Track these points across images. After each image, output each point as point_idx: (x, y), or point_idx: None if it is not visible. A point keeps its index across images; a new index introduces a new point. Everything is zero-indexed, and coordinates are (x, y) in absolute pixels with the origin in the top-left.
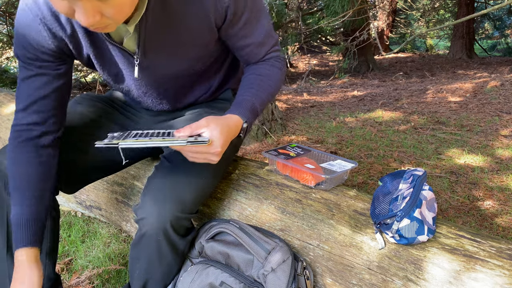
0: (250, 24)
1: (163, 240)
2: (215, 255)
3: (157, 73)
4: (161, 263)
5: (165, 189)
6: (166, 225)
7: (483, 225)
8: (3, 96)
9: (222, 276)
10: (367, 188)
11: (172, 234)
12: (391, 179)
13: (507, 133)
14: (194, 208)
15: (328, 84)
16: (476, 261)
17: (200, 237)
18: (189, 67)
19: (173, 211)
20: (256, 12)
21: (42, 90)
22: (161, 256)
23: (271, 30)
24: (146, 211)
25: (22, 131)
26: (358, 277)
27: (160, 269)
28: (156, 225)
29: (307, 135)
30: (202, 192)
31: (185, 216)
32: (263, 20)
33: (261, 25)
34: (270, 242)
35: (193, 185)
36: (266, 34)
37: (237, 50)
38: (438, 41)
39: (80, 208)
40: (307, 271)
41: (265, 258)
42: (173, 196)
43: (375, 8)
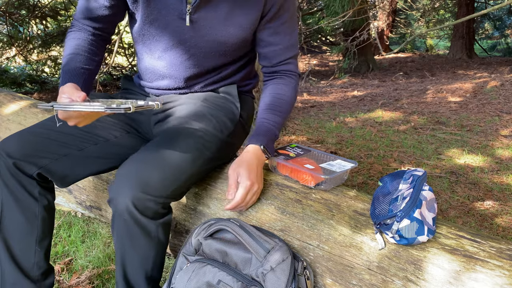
0: (287, 26)
1: (130, 220)
2: (213, 253)
3: (197, 33)
4: (133, 246)
5: (132, 170)
6: (129, 204)
7: (483, 225)
8: (3, 96)
9: (220, 274)
10: (367, 188)
11: (137, 214)
12: (391, 179)
13: (507, 133)
14: (163, 192)
15: (328, 84)
16: (476, 262)
17: (198, 234)
18: (225, 43)
19: (134, 191)
20: (294, 20)
21: (96, 12)
22: (131, 238)
23: (297, 43)
24: (113, 191)
25: (77, 24)
26: (358, 277)
27: (134, 253)
28: (121, 205)
29: (307, 135)
30: (173, 177)
31: (150, 198)
32: (296, 30)
33: (294, 33)
34: (269, 241)
35: (162, 168)
36: (293, 43)
37: (265, 45)
38: (438, 41)
39: (80, 208)
40: (307, 271)
41: (264, 257)
42: (137, 176)
43: (375, 8)
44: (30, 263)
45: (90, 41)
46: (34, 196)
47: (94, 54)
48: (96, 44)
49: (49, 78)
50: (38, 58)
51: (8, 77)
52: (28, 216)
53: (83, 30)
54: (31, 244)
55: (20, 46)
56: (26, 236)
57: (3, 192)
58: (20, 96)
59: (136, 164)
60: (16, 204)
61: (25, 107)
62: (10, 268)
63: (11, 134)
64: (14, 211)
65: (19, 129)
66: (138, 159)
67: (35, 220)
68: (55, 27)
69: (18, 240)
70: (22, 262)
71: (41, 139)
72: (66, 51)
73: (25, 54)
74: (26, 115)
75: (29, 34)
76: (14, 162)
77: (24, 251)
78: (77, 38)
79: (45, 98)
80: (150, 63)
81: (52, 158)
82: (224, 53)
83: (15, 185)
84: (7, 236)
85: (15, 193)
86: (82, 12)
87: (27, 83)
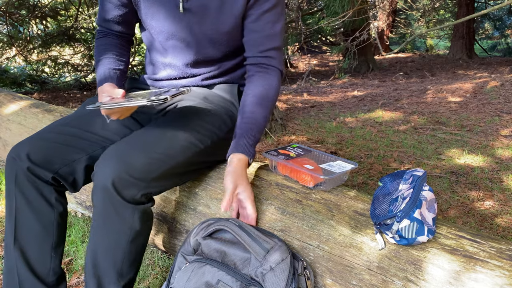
0: (268, 15)
1: (106, 197)
2: (212, 252)
3: (191, 20)
4: (105, 227)
5: (119, 149)
6: (108, 181)
7: (483, 225)
8: (3, 96)
9: (219, 274)
10: (367, 188)
11: (114, 193)
12: (391, 179)
13: (507, 133)
14: (146, 175)
15: (328, 84)
16: (476, 262)
17: (196, 234)
18: (218, 30)
19: (116, 169)
20: (277, 12)
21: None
22: (105, 217)
23: (279, 35)
24: (97, 166)
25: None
26: (358, 277)
27: (105, 234)
28: (101, 181)
29: (307, 135)
30: (158, 162)
31: (132, 181)
32: (280, 22)
33: (276, 24)
34: (269, 241)
35: (148, 151)
36: (275, 33)
37: (247, 33)
38: (438, 41)
39: (80, 208)
40: (307, 271)
41: (264, 257)
42: (122, 155)
43: (375, 8)
44: (46, 269)
45: (115, 44)
46: (50, 203)
47: (121, 55)
48: (121, 46)
49: (49, 78)
50: (38, 58)
51: (8, 77)
52: (44, 224)
53: (107, 35)
54: (47, 251)
55: (20, 46)
56: (42, 243)
57: (18, 199)
58: (20, 96)
59: (123, 144)
60: (32, 212)
61: (25, 107)
62: (26, 275)
63: (22, 140)
64: (30, 219)
65: (19, 129)
66: (126, 141)
67: (51, 227)
68: (55, 27)
69: (34, 248)
70: (38, 269)
71: (51, 143)
72: (97, 56)
73: (25, 54)
74: (26, 115)
75: (29, 34)
76: (29, 167)
77: (40, 258)
78: (104, 44)
79: (45, 98)
80: (154, 57)
81: (62, 163)
82: (219, 41)
83: (32, 192)
84: (23, 244)
85: (30, 200)
86: (101, 15)
87: (27, 83)
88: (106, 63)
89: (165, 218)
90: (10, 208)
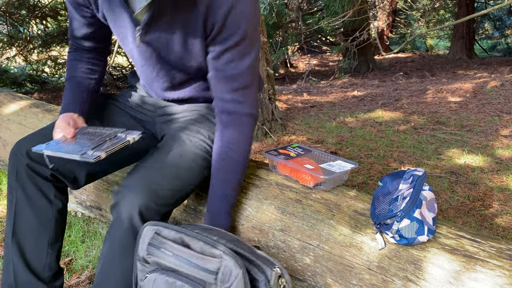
0: (233, 52)
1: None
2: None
3: (154, 53)
4: (121, 258)
5: (141, 177)
6: (134, 213)
7: (483, 225)
8: (3, 96)
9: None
10: (367, 188)
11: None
12: (391, 179)
13: (507, 133)
14: (169, 200)
15: (328, 84)
16: (476, 262)
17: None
18: (182, 59)
19: (143, 199)
20: (244, 46)
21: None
22: (123, 249)
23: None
24: (119, 197)
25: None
26: (358, 277)
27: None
28: (125, 213)
29: (307, 135)
30: (181, 187)
31: (156, 208)
32: (248, 57)
33: (243, 61)
34: (213, 260)
35: (171, 177)
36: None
37: (210, 69)
38: (438, 41)
39: (80, 208)
40: (283, 279)
41: (215, 279)
42: (147, 184)
43: (375, 8)
44: (42, 265)
45: (86, 60)
46: (49, 199)
47: (92, 72)
48: (93, 61)
49: (49, 78)
50: (38, 58)
51: (8, 77)
52: (42, 219)
53: (78, 49)
54: (43, 247)
55: (20, 46)
56: (38, 239)
57: (18, 194)
58: (20, 96)
59: (144, 172)
60: (30, 207)
61: (25, 107)
62: (22, 269)
63: (25, 136)
64: (28, 214)
65: (19, 129)
66: (146, 168)
67: (49, 223)
68: (55, 27)
69: (30, 242)
70: (34, 264)
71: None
72: (66, 74)
73: (25, 54)
74: (26, 115)
75: (29, 34)
76: (28, 163)
77: (37, 253)
78: (74, 60)
79: (45, 98)
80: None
81: (62, 161)
82: (189, 70)
83: (31, 188)
84: (20, 238)
85: (30, 195)
86: (71, 32)
87: (27, 83)
88: (72, 85)
89: None
90: (11, 203)
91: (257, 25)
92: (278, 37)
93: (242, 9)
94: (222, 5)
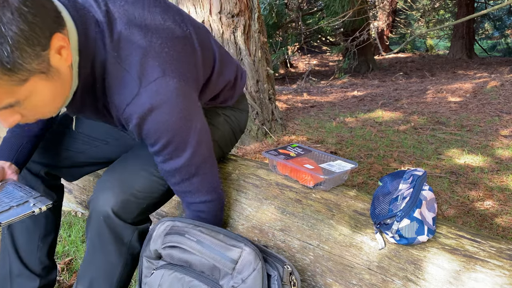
0: (162, 156)
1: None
2: (176, 261)
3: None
4: (103, 252)
5: (115, 173)
6: (108, 206)
7: (483, 225)
8: None
9: (188, 280)
10: (367, 188)
11: (114, 219)
12: (391, 179)
13: (507, 133)
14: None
15: (328, 84)
16: (476, 261)
17: (156, 242)
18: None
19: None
20: (173, 151)
21: None
22: (102, 241)
23: (190, 164)
24: (95, 191)
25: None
26: (358, 277)
27: (102, 260)
28: (100, 206)
29: (307, 135)
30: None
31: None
32: (181, 158)
33: (177, 161)
34: (234, 250)
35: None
36: (179, 168)
37: None
38: (438, 41)
39: (80, 208)
40: (293, 276)
41: (233, 269)
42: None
43: (375, 8)
44: (33, 258)
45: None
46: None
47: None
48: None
49: None
50: None
51: None
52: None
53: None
54: (34, 240)
55: None
56: (29, 232)
57: None
58: None
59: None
60: None
61: None
62: (15, 261)
63: None
64: None
65: None
66: (121, 161)
67: (39, 218)
68: None
69: (22, 235)
70: (25, 256)
71: (44, 141)
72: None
73: None
74: None
75: None
76: None
77: (27, 246)
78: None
79: None
80: None
81: (56, 159)
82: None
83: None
84: (13, 230)
85: None
86: None
87: None
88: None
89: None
90: None
91: (190, 121)
92: (278, 37)
93: (157, 120)
94: (131, 120)
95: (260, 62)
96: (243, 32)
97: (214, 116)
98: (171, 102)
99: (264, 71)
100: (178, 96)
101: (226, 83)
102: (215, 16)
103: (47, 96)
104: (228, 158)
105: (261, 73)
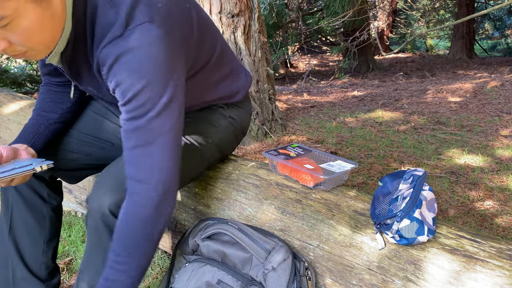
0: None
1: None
2: (211, 254)
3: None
4: (101, 249)
5: (112, 173)
6: (104, 205)
7: (483, 225)
8: (3, 96)
9: (219, 274)
10: (367, 188)
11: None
12: (391, 179)
13: (507, 133)
14: None
15: (328, 84)
16: (476, 262)
17: (195, 235)
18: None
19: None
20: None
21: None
22: (100, 241)
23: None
24: (92, 191)
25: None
26: (358, 277)
27: (100, 257)
28: (97, 203)
29: (307, 135)
30: None
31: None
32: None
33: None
34: (269, 242)
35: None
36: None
37: None
38: (438, 41)
39: (80, 208)
40: (309, 272)
41: (266, 258)
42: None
43: (375, 8)
44: (38, 263)
45: (53, 93)
46: (42, 197)
47: (55, 105)
48: (60, 97)
49: None
50: None
51: (9, 77)
52: (37, 217)
53: (47, 84)
54: (39, 244)
55: None
56: (34, 236)
57: (13, 193)
58: (20, 96)
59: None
60: (25, 205)
61: (25, 107)
62: (19, 266)
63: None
64: (23, 212)
65: (19, 129)
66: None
67: (44, 220)
68: None
69: (27, 240)
70: (30, 261)
71: (50, 144)
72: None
73: None
74: (26, 115)
75: None
76: None
77: (33, 251)
78: (42, 93)
79: None
80: None
81: (61, 162)
82: None
83: (24, 187)
84: (16, 235)
85: (24, 194)
86: (40, 68)
87: (27, 83)
88: (33, 117)
89: None
90: (7, 201)
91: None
92: (278, 37)
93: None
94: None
95: (260, 62)
96: (243, 32)
97: (219, 118)
98: (152, 48)
99: (264, 71)
100: (161, 45)
101: (230, 71)
102: (215, 16)
103: (34, 21)
104: (228, 158)
105: (261, 73)
